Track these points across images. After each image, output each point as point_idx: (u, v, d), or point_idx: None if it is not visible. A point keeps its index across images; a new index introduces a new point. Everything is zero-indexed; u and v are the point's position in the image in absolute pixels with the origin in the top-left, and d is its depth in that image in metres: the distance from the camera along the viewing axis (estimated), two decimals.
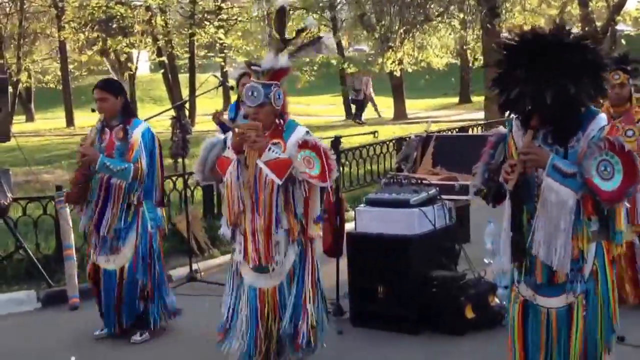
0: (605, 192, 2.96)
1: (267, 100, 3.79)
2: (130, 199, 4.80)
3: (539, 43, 3.00)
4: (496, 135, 3.33)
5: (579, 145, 3.04)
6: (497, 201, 3.28)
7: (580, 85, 2.95)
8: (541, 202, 3.04)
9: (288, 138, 3.85)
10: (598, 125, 3.05)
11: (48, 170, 13.86)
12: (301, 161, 3.73)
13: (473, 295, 4.84)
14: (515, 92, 2.99)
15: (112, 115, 4.85)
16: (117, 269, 4.87)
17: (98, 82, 4.98)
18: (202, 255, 7.13)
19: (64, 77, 27.90)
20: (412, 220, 4.95)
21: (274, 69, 3.81)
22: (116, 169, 4.72)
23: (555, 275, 3.14)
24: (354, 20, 24.55)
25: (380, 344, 4.75)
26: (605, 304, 3.15)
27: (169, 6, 23.70)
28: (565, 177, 2.99)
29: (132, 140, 4.79)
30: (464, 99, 30.33)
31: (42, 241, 6.79)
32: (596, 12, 21.71)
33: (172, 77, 25.15)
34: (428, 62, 24.40)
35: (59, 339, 5.14)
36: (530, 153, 3.02)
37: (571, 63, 2.96)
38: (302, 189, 3.82)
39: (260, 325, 3.92)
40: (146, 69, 36.45)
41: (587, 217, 3.08)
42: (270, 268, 3.88)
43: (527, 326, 3.25)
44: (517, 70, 3.00)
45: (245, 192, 3.82)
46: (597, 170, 2.95)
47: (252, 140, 3.73)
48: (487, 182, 3.27)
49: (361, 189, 9.72)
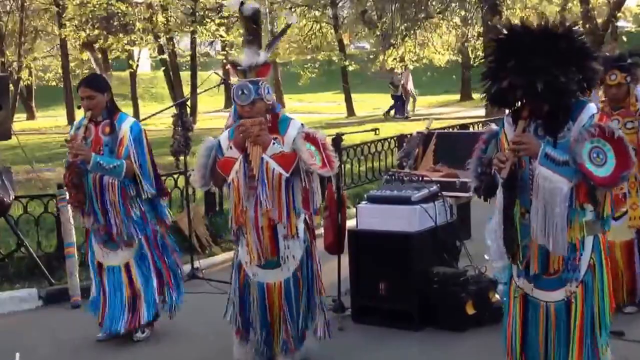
0: (599, 177, 2.98)
1: (258, 97, 3.81)
2: (130, 194, 4.75)
3: (527, 35, 3.04)
4: (488, 133, 3.39)
5: (570, 134, 3.07)
6: (489, 195, 3.31)
7: (570, 74, 2.98)
8: (535, 191, 3.06)
9: (284, 132, 3.87)
10: (588, 114, 3.09)
11: (49, 168, 13.88)
12: (308, 153, 3.76)
13: (474, 291, 4.85)
14: (506, 82, 3.02)
15: (98, 111, 4.78)
16: (121, 265, 4.84)
17: (82, 80, 4.93)
18: (204, 253, 7.14)
19: (65, 75, 27.89)
20: (413, 217, 4.95)
21: (258, 65, 3.84)
22: (109, 167, 4.66)
23: (549, 264, 3.15)
24: (355, 18, 24.56)
25: (382, 341, 4.75)
26: (601, 299, 3.17)
27: (170, 3, 23.67)
28: (558, 165, 3.02)
29: (120, 135, 4.73)
30: (465, 96, 30.31)
31: (43, 239, 6.80)
32: (597, 8, 21.67)
33: (173, 75, 25.14)
34: (429, 59, 24.41)
35: (60, 337, 5.14)
36: (522, 142, 3.06)
37: (559, 52, 3.00)
38: (304, 182, 3.84)
39: (271, 320, 3.95)
40: (147, 66, 36.43)
41: (580, 205, 3.10)
42: (282, 260, 3.90)
43: (527, 321, 3.27)
44: (507, 62, 3.03)
45: (250, 194, 3.82)
46: (589, 157, 2.98)
47: (256, 135, 3.74)
48: (479, 176, 3.30)
49: (362, 186, 9.73)
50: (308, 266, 4.00)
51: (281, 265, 3.93)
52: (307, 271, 4.00)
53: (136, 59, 27.11)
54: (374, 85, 29.69)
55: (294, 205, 3.87)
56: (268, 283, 3.95)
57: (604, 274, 3.19)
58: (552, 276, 3.19)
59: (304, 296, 3.98)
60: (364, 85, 30.63)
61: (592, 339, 3.17)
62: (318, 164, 3.80)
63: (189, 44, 24.77)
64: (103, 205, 4.72)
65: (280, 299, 3.94)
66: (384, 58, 22.42)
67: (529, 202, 3.13)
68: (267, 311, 3.95)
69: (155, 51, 25.66)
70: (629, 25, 29.87)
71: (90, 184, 4.72)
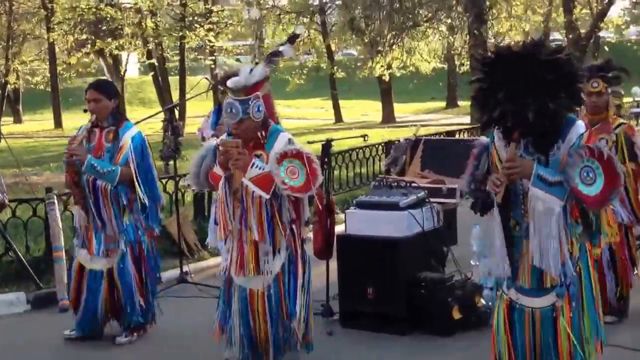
0: (589, 196, 3.05)
1: (245, 116, 3.82)
2: (121, 202, 4.79)
3: (514, 61, 3.09)
4: (479, 147, 3.41)
5: (560, 152, 3.13)
6: (485, 211, 3.34)
7: (559, 100, 3.06)
8: (530, 212, 3.13)
9: (270, 148, 3.89)
10: (577, 133, 3.15)
11: (37, 172, 13.84)
12: (284, 175, 3.76)
13: (460, 296, 4.91)
14: (497, 112, 3.08)
15: (103, 117, 4.83)
16: (104, 270, 4.86)
17: (92, 83, 4.95)
18: (193, 257, 7.15)
19: (53, 79, 27.81)
20: (401, 222, 5.01)
21: (247, 86, 3.83)
22: (102, 171, 4.70)
23: (544, 279, 3.21)
24: (344, 25, 24.67)
25: (370, 345, 4.80)
26: (589, 304, 3.22)
27: (159, 9, 23.69)
28: (550, 185, 3.08)
29: (122, 143, 4.78)
30: (451, 103, 30.51)
31: (31, 243, 6.79)
32: (580, 19, 21.93)
33: (162, 80, 25.12)
34: (416, 66, 24.55)
35: (47, 341, 5.14)
36: (514, 167, 3.11)
37: (548, 79, 3.05)
38: (290, 197, 3.87)
39: (253, 326, 3.97)
40: (135, 71, 36.39)
41: (575, 220, 3.17)
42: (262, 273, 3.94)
43: (514, 328, 3.31)
44: (496, 88, 3.09)
45: (235, 206, 3.86)
46: (580, 177, 3.04)
47: (235, 159, 3.77)
48: (474, 193, 3.35)
49: (351, 191, 9.78)
50: (289, 275, 4.01)
51: (264, 273, 3.96)
52: (289, 280, 4.01)
53: (124, 63, 27.06)
54: (362, 91, 29.83)
55: (281, 220, 3.91)
56: (251, 289, 3.98)
57: (591, 279, 3.24)
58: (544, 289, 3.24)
59: (286, 303, 3.99)
60: (352, 91, 30.74)
61: (580, 346, 3.21)
62: (296, 184, 3.80)
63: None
64: (96, 208, 4.76)
65: (263, 306, 3.97)
66: (372, 65, 22.53)
67: (521, 215, 3.21)
68: (249, 317, 3.98)
69: (144, 56, 25.63)
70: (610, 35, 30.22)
71: (85, 185, 4.77)
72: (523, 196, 3.18)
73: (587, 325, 3.24)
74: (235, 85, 3.83)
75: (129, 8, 24.03)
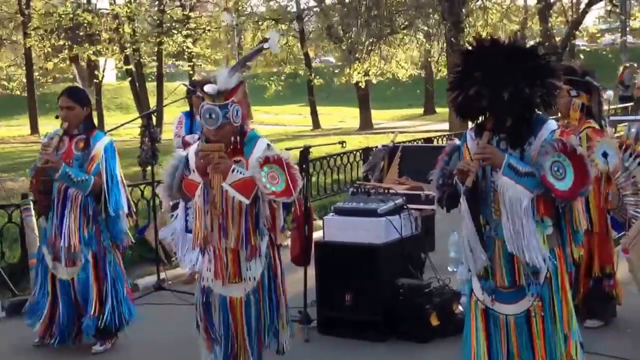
0: (559, 190, 3.10)
1: (226, 121, 3.78)
2: (88, 211, 4.75)
3: (494, 48, 3.17)
4: (450, 146, 3.48)
5: (531, 149, 3.19)
6: (451, 205, 3.38)
7: (534, 88, 3.11)
8: (501, 201, 3.16)
9: (249, 153, 3.86)
10: (548, 129, 3.21)
11: (12, 177, 13.69)
12: (266, 180, 3.74)
13: (438, 303, 4.93)
14: (473, 90, 3.12)
15: (75, 124, 4.78)
16: (69, 279, 4.83)
17: (65, 90, 4.91)
18: (170, 264, 7.11)
19: (29, 84, 27.56)
20: (379, 229, 5.03)
21: (227, 90, 3.80)
22: (77, 180, 4.67)
23: (517, 276, 3.23)
24: (321, 32, 24.75)
25: (347, 352, 4.81)
26: (559, 311, 3.25)
27: (137, 15, 23.60)
28: (521, 176, 3.12)
29: (93, 153, 4.74)
30: (429, 110, 30.69)
31: (7, 250, 6.71)
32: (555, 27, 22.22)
33: (139, 86, 25.00)
34: (393, 73, 24.68)
35: (22, 349, 5.09)
36: (486, 152, 3.16)
37: (525, 67, 3.13)
38: (269, 203, 3.86)
39: (233, 334, 3.96)
40: (112, 77, 36.16)
41: (541, 218, 3.20)
42: (244, 281, 3.92)
43: (490, 335, 3.34)
44: (474, 73, 3.14)
45: (213, 214, 3.83)
46: (550, 171, 3.09)
47: (216, 163, 3.74)
48: (441, 187, 3.39)
49: (329, 198, 9.80)
50: (270, 280, 4.01)
51: (243, 281, 3.94)
52: (270, 285, 4.00)
53: (102, 69, 26.89)
54: (340, 98, 29.85)
55: (257, 227, 3.89)
56: (231, 297, 3.97)
57: (560, 286, 3.26)
58: (511, 289, 3.27)
59: (265, 311, 3.97)
60: (330, 98, 30.79)
61: (554, 352, 3.23)
62: (278, 189, 3.79)
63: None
64: (61, 217, 4.73)
65: (242, 314, 3.95)
66: (350, 72, 22.61)
67: (490, 215, 3.24)
68: (229, 325, 3.96)
69: (121, 62, 25.50)
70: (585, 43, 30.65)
71: (55, 193, 4.72)
72: (493, 193, 3.21)
73: (559, 332, 3.25)
74: (215, 90, 3.81)
75: (106, 14, 23.92)
